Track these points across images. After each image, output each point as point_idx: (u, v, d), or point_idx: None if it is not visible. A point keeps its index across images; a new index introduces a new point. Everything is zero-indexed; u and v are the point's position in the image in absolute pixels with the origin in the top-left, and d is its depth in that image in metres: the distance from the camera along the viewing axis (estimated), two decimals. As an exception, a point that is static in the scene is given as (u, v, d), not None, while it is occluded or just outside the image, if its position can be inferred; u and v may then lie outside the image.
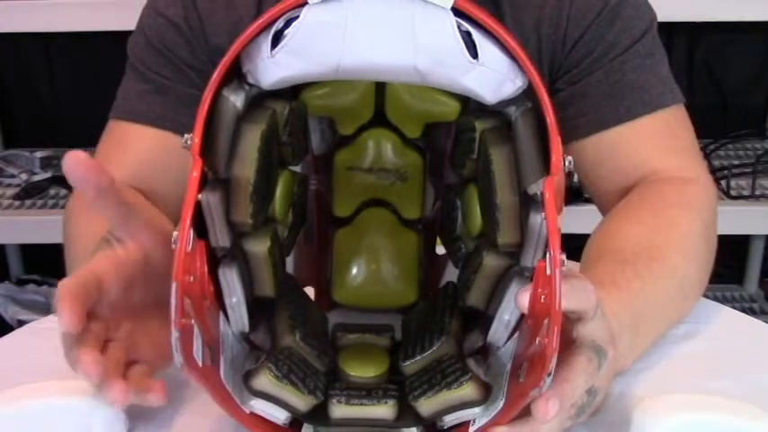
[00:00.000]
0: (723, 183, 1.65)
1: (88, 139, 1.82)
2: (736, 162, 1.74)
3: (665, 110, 0.84)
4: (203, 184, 0.54)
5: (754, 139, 1.87)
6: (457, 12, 0.52)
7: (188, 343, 0.52)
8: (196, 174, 0.51)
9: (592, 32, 0.82)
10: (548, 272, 0.52)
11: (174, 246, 0.51)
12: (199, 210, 0.53)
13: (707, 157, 1.75)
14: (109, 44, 1.42)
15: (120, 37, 0.90)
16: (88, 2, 1.58)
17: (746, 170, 1.69)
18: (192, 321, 0.53)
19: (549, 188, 0.52)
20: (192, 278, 0.53)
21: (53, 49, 1.91)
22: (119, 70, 0.90)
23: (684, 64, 1.86)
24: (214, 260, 0.57)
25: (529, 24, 0.83)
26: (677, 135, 0.86)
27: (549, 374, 0.52)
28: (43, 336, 0.79)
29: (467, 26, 0.52)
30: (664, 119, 0.84)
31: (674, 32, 1.80)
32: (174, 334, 0.51)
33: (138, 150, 0.86)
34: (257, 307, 0.61)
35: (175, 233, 0.52)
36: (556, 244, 0.51)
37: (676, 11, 1.51)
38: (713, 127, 1.75)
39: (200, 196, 0.53)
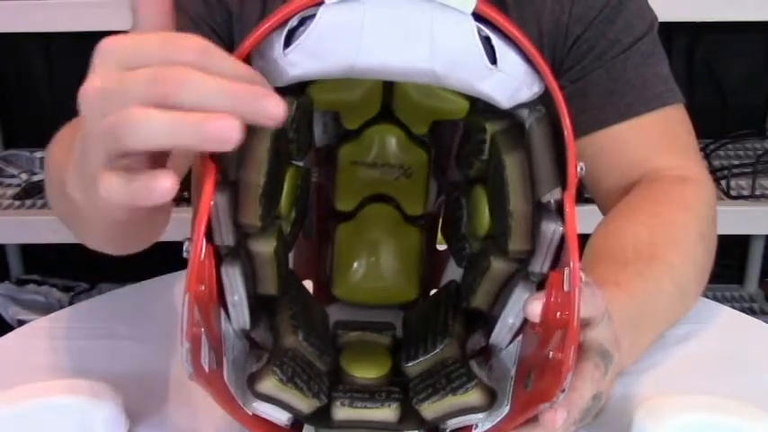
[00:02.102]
0: (723, 183, 1.65)
1: (88, 139, 1.83)
2: (736, 162, 1.74)
3: (665, 108, 0.84)
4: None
5: (754, 139, 1.87)
6: (476, 16, 0.51)
7: (197, 352, 0.52)
8: (209, 179, 0.50)
9: (593, 29, 0.82)
10: (566, 288, 0.51)
11: (185, 255, 0.51)
12: None
13: (707, 157, 1.75)
14: (109, 44, 1.41)
15: (121, 37, 0.90)
16: (88, 2, 1.58)
17: (746, 170, 1.69)
18: (202, 329, 0.52)
19: (569, 202, 0.51)
20: (203, 287, 0.52)
21: (53, 49, 1.91)
22: (119, 70, 0.90)
23: (684, 64, 1.86)
24: (216, 257, 0.57)
25: (530, 18, 0.83)
26: (677, 134, 0.86)
27: (563, 391, 0.51)
28: (43, 336, 0.80)
29: (486, 31, 0.51)
30: (664, 118, 0.84)
31: (673, 32, 1.80)
32: (186, 345, 0.50)
33: None
34: (258, 303, 0.61)
35: (187, 242, 0.51)
36: (576, 261, 0.50)
37: (676, 11, 1.51)
38: (713, 127, 1.75)
39: None
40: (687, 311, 0.78)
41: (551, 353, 0.52)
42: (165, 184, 0.45)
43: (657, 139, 0.85)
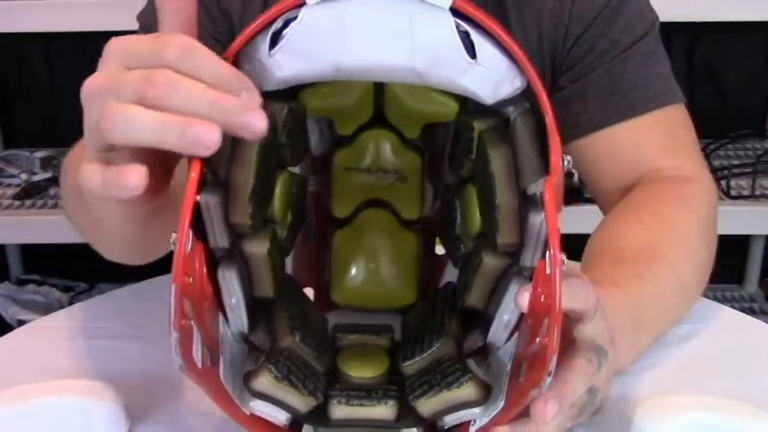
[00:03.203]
0: (723, 183, 1.65)
1: (88, 139, 1.82)
2: (736, 162, 1.74)
3: (666, 108, 0.84)
4: (202, 185, 0.53)
5: (754, 139, 1.87)
6: (455, 12, 0.52)
7: (187, 344, 0.52)
8: (194, 175, 0.51)
9: (594, 29, 0.83)
10: (547, 271, 0.51)
11: (172, 247, 0.51)
12: (198, 211, 0.53)
13: (707, 157, 1.75)
14: (109, 44, 1.42)
15: (120, 37, 0.90)
16: (88, 2, 1.58)
17: (746, 170, 1.70)
18: (192, 323, 0.52)
19: (548, 189, 0.52)
20: (190, 279, 0.53)
21: (53, 49, 1.91)
22: (119, 70, 0.90)
23: (684, 64, 1.87)
24: (213, 261, 0.57)
25: (530, 19, 0.83)
26: (678, 134, 0.86)
27: (549, 374, 0.52)
28: (43, 336, 0.80)
29: (465, 26, 0.52)
30: (665, 117, 0.84)
31: (674, 32, 1.80)
32: (174, 335, 0.51)
33: None
34: (256, 307, 0.61)
35: (174, 234, 0.51)
36: (555, 243, 0.51)
37: (676, 11, 1.51)
38: (713, 127, 1.75)
39: (198, 198, 0.53)
40: (688, 311, 0.78)
41: (538, 340, 0.53)
42: (131, 177, 0.48)
43: (658, 140, 0.85)
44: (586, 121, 0.83)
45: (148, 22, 0.87)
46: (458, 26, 0.52)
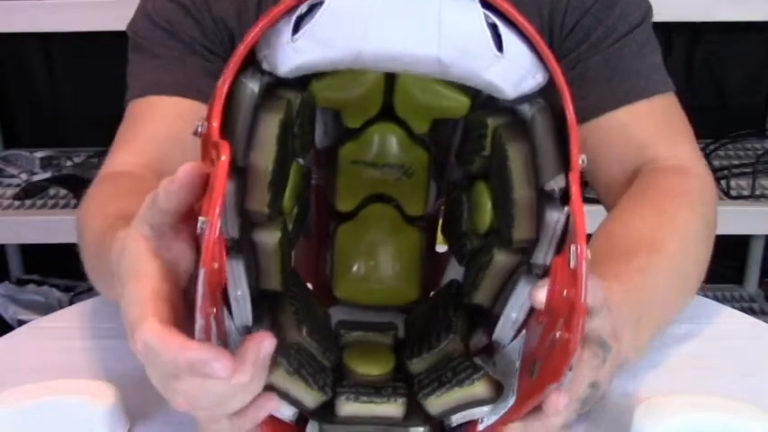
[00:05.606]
0: (723, 183, 1.65)
1: (88, 140, 1.82)
2: (736, 162, 1.74)
3: (660, 96, 0.85)
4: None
5: (754, 139, 1.87)
6: (482, 3, 0.51)
7: (209, 332, 0.51)
8: (225, 158, 0.49)
9: (590, 16, 0.83)
10: (571, 265, 0.51)
11: (199, 231, 0.50)
12: None
13: (707, 157, 1.75)
14: (109, 44, 1.42)
15: (120, 37, 0.90)
16: (88, 2, 1.58)
17: (746, 170, 1.69)
18: (212, 312, 0.52)
19: (575, 181, 0.52)
20: (216, 265, 0.51)
21: (53, 49, 1.91)
22: (119, 70, 0.90)
23: (684, 64, 1.86)
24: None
25: (531, 6, 0.83)
26: (674, 122, 0.87)
27: (570, 369, 0.51)
28: (43, 336, 0.80)
29: (493, 18, 0.52)
30: (660, 105, 0.85)
31: (674, 32, 1.80)
32: (200, 322, 0.49)
33: (156, 122, 0.84)
34: (259, 301, 0.61)
35: (201, 218, 0.50)
36: (582, 237, 0.50)
37: (676, 11, 1.51)
38: (713, 127, 1.75)
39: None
40: (686, 303, 0.77)
41: (558, 334, 0.52)
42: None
43: (655, 127, 0.85)
44: (584, 107, 0.83)
45: (145, 40, 0.87)
46: (486, 18, 0.51)
